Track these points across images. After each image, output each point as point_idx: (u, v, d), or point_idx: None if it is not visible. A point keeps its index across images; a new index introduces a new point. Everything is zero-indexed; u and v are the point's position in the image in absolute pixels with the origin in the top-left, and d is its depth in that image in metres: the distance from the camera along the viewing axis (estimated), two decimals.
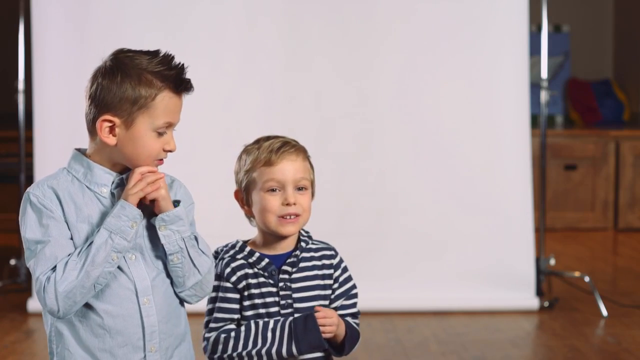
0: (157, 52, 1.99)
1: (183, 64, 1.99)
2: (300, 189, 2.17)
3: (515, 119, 4.52)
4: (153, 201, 1.99)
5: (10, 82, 4.94)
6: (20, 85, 4.82)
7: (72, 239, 1.95)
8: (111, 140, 1.95)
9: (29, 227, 1.94)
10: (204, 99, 4.43)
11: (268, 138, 2.20)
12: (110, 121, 1.94)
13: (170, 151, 2.00)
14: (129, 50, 2.00)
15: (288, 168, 2.16)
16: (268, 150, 2.16)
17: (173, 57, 1.99)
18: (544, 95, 4.80)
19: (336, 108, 4.51)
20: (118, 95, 1.94)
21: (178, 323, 2.07)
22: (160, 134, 1.97)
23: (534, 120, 5.11)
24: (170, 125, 1.98)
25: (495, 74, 4.50)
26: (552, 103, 7.12)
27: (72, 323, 1.98)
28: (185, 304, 2.09)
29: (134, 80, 1.94)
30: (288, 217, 2.15)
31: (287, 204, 2.14)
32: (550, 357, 3.90)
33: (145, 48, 2.03)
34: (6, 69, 5.91)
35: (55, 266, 1.91)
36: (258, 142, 2.21)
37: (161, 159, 2.00)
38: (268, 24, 4.47)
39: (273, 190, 2.15)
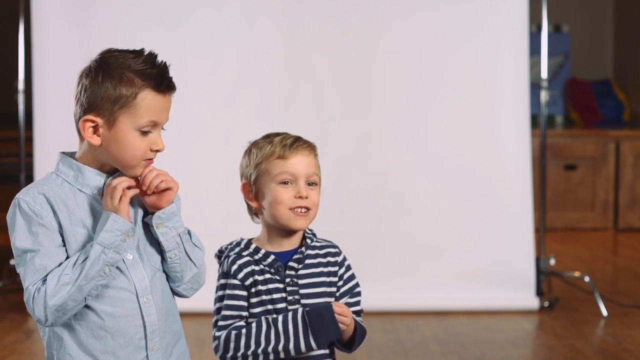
0: (141, 51, 1.98)
1: (165, 63, 1.98)
2: (311, 184, 2.19)
3: (515, 119, 4.52)
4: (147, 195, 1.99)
5: (10, 82, 4.94)
6: (20, 85, 4.82)
7: (64, 245, 1.94)
8: (95, 140, 1.95)
9: (18, 235, 1.93)
10: (204, 98, 4.43)
11: (278, 134, 2.22)
12: (92, 121, 1.94)
13: (158, 151, 1.98)
14: (115, 50, 1.99)
15: (302, 162, 2.18)
16: (281, 144, 2.18)
17: (156, 56, 1.97)
18: (544, 95, 4.80)
19: (336, 108, 4.51)
20: (99, 95, 1.93)
21: (175, 320, 2.08)
22: (144, 133, 1.95)
23: (534, 120, 5.11)
24: (155, 125, 1.96)
25: (495, 74, 4.50)
26: (552, 103, 7.12)
27: (72, 326, 1.97)
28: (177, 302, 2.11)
29: (115, 79, 1.93)
30: (299, 210, 2.15)
31: (300, 197, 2.15)
32: (550, 357, 3.90)
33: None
34: (6, 69, 5.91)
35: (45, 277, 1.90)
36: (268, 136, 2.22)
37: (150, 159, 1.98)
38: (268, 23, 4.47)
39: (285, 183, 2.16)
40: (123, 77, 1.93)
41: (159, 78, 1.95)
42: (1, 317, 4.40)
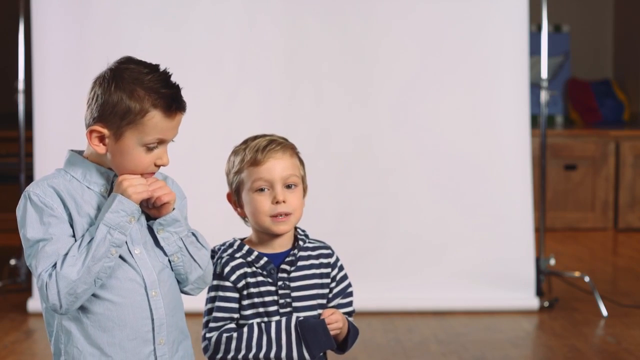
0: (156, 68, 1.98)
1: (178, 85, 1.98)
2: (289, 186, 2.16)
3: (515, 119, 4.52)
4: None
5: (10, 82, 4.94)
6: (20, 85, 4.82)
7: (74, 235, 1.96)
8: (101, 149, 1.97)
9: (30, 227, 1.94)
10: (204, 99, 4.43)
11: (255, 137, 2.20)
12: (99, 132, 1.96)
13: (162, 165, 2.00)
14: (132, 61, 1.99)
15: (275, 166, 2.15)
16: (254, 149, 2.16)
17: (170, 75, 1.98)
18: (544, 95, 4.80)
19: (336, 108, 4.51)
20: (109, 107, 1.94)
21: (182, 317, 2.10)
22: (150, 149, 1.97)
23: (534, 120, 5.11)
24: (162, 142, 1.98)
25: (495, 74, 4.50)
26: (552, 103, 7.12)
27: (80, 320, 1.98)
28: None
29: (126, 94, 1.93)
30: (279, 216, 2.14)
31: (277, 202, 2.14)
32: (550, 357, 3.90)
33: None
34: (6, 69, 5.91)
35: (56, 263, 1.92)
36: (246, 142, 2.21)
37: (151, 172, 2.00)
38: (268, 23, 4.47)
39: (262, 189, 2.15)
40: (134, 94, 1.94)
41: (170, 100, 1.96)
42: (1, 317, 4.40)
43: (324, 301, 2.21)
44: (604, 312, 4.43)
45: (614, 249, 6.24)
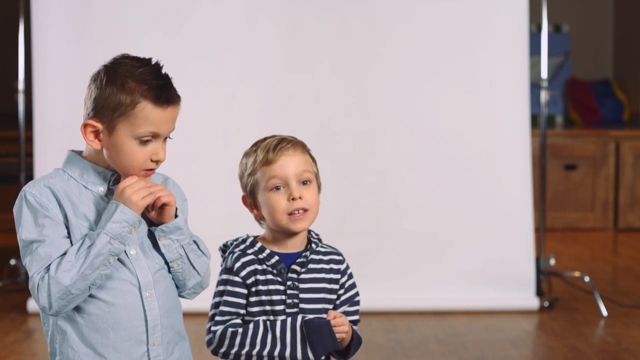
0: (148, 61, 1.99)
1: (168, 75, 1.99)
2: (304, 182, 2.16)
3: (515, 119, 4.52)
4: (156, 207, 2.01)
5: (10, 82, 4.94)
6: (20, 85, 4.82)
7: (69, 237, 1.96)
8: (96, 144, 1.98)
9: (25, 227, 1.96)
10: (204, 99, 4.43)
11: (265, 139, 2.20)
12: (93, 126, 1.97)
13: (159, 161, 2.00)
14: (126, 57, 2.00)
15: (288, 163, 2.15)
16: (265, 149, 2.16)
17: (161, 67, 1.99)
18: (544, 95, 4.80)
19: (336, 108, 4.51)
20: (101, 101, 1.96)
21: (178, 318, 2.09)
22: (144, 143, 1.97)
23: (534, 120, 5.11)
24: (156, 136, 1.98)
25: (495, 74, 4.50)
26: (552, 103, 7.12)
27: (75, 320, 1.99)
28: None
29: (117, 87, 1.95)
30: (297, 212, 2.14)
31: (293, 199, 2.14)
32: (550, 357, 3.90)
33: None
34: (6, 69, 5.91)
35: (49, 266, 1.92)
36: (256, 144, 2.21)
37: (150, 169, 2.00)
38: (268, 24, 4.47)
39: (277, 188, 2.15)
40: (125, 86, 1.95)
41: (159, 90, 1.96)
42: (1, 317, 4.40)
43: (331, 306, 2.21)
44: (604, 312, 4.43)
45: (614, 249, 6.24)
